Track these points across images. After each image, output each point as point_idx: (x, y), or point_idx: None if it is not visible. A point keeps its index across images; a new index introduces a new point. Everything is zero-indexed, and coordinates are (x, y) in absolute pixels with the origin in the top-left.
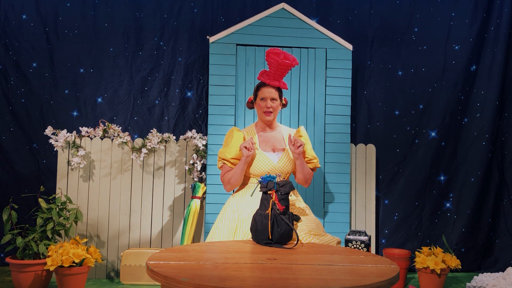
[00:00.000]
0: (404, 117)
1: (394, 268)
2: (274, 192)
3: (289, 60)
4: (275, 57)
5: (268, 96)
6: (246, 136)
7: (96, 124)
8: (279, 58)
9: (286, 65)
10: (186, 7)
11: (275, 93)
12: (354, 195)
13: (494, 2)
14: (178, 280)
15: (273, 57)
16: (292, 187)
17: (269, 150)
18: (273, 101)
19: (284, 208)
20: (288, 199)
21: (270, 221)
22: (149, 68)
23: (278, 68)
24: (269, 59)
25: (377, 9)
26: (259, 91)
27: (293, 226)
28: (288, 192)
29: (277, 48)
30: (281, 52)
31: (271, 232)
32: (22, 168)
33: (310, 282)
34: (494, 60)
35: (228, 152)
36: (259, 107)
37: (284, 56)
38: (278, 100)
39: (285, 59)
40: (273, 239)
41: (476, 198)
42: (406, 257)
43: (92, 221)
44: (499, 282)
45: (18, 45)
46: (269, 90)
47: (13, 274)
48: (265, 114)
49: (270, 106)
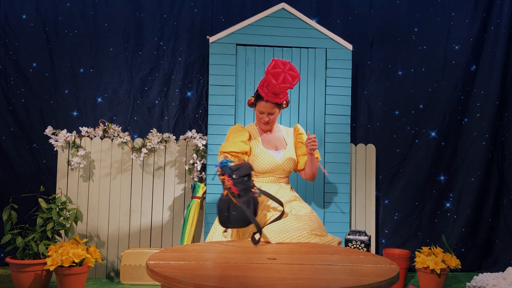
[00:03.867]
0: (404, 117)
1: (394, 268)
2: (227, 177)
3: (287, 83)
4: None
5: (265, 111)
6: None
7: (96, 124)
8: (276, 81)
9: (284, 89)
10: (186, 7)
11: (273, 107)
12: (354, 195)
13: (494, 2)
14: (178, 280)
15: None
16: (248, 169)
17: (272, 149)
18: (270, 115)
19: (240, 191)
20: (246, 182)
21: (226, 205)
22: (149, 68)
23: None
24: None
25: (377, 9)
26: (258, 103)
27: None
28: (243, 175)
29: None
30: (282, 71)
31: (228, 215)
32: (22, 168)
33: (310, 282)
34: (494, 60)
35: (228, 146)
36: (257, 117)
37: (283, 79)
38: (277, 112)
39: (283, 83)
40: (231, 223)
41: (476, 198)
42: (406, 257)
43: (92, 221)
44: (499, 282)
45: (18, 45)
46: (267, 105)
47: (13, 274)
48: (263, 124)
49: (268, 119)
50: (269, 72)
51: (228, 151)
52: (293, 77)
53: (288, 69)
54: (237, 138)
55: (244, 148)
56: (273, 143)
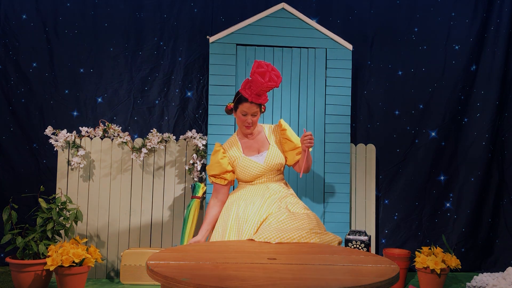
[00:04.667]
0: (404, 117)
1: (394, 268)
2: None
3: (273, 82)
4: (259, 78)
5: (249, 112)
6: (227, 148)
7: (96, 124)
8: (263, 80)
9: (270, 87)
10: (186, 7)
11: (256, 108)
12: (354, 195)
13: (494, 2)
14: (178, 280)
15: (257, 78)
16: None
17: (254, 154)
18: (253, 116)
19: None
20: None
21: None
22: (149, 68)
23: (261, 89)
24: (253, 77)
25: (377, 9)
26: (240, 105)
27: None
28: None
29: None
30: (266, 71)
31: None
32: (22, 168)
33: (310, 282)
34: (494, 60)
35: (210, 169)
36: (240, 120)
37: (269, 78)
38: (258, 113)
39: (269, 81)
40: None
41: (476, 198)
42: (406, 257)
43: (92, 221)
44: (499, 282)
45: (18, 45)
46: (251, 106)
47: (13, 274)
48: (245, 127)
49: (251, 121)
50: (255, 72)
51: (210, 174)
52: (277, 76)
53: (271, 69)
54: (214, 159)
55: (222, 168)
56: (255, 147)
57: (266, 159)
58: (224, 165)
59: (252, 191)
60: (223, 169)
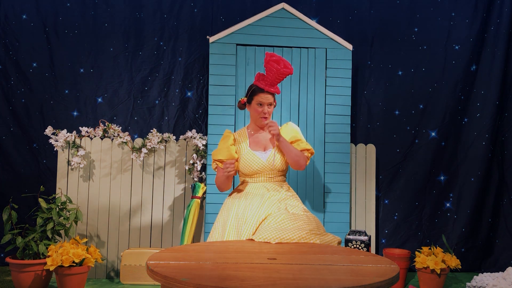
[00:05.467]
0: (404, 117)
1: (394, 268)
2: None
3: (288, 68)
4: (275, 65)
5: (265, 102)
6: (237, 138)
7: (96, 124)
8: (279, 66)
9: (286, 73)
10: (186, 7)
11: (271, 98)
12: (354, 195)
13: (494, 2)
14: (178, 280)
15: (273, 65)
16: None
17: (260, 150)
18: (269, 106)
19: None
20: None
21: None
22: (149, 68)
23: (277, 75)
24: (269, 66)
25: (377, 9)
26: (256, 96)
27: None
28: None
29: (275, 54)
30: (280, 59)
31: None
32: (22, 168)
33: (310, 282)
34: (494, 60)
35: (217, 154)
36: (256, 112)
37: (284, 65)
38: (273, 104)
39: (285, 68)
40: None
41: (476, 198)
42: (406, 257)
43: (92, 221)
44: (499, 282)
45: (18, 45)
46: (267, 96)
47: (13, 274)
48: (262, 119)
49: (267, 111)
50: (270, 60)
51: (216, 159)
52: (290, 64)
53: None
54: (223, 144)
55: (231, 154)
56: (262, 144)
57: (269, 157)
58: (232, 152)
59: (252, 191)
60: (231, 156)
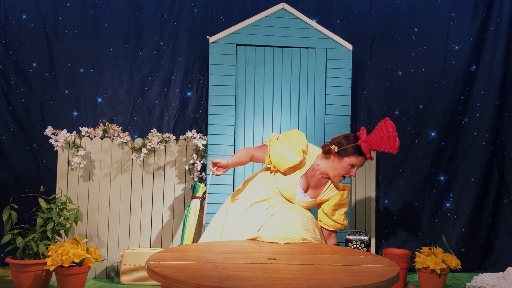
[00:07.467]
0: (404, 117)
1: (394, 268)
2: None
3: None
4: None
5: (359, 165)
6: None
7: (96, 124)
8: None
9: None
10: (186, 7)
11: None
12: (354, 195)
13: (494, 2)
14: (178, 280)
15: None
16: None
17: (304, 186)
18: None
19: None
20: None
21: None
22: (149, 68)
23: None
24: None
25: (377, 9)
26: (353, 156)
27: None
28: None
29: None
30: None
31: None
32: (22, 168)
33: (310, 282)
34: (494, 60)
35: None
36: (343, 169)
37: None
38: None
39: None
40: None
41: (476, 198)
42: (406, 257)
43: (92, 221)
44: (499, 282)
45: (18, 45)
46: (363, 161)
47: (13, 274)
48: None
49: (354, 175)
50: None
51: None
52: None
53: None
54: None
55: (280, 167)
56: (308, 183)
57: (301, 202)
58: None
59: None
60: (279, 167)
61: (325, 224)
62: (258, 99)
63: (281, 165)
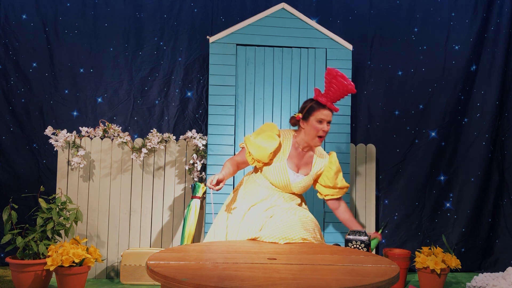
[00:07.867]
0: (404, 117)
1: (394, 268)
2: None
3: (352, 85)
4: (342, 81)
5: (326, 119)
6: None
7: (96, 124)
8: (346, 82)
9: (350, 91)
10: (186, 7)
11: (331, 116)
12: (354, 195)
13: (494, 2)
14: (178, 280)
15: (340, 81)
16: None
17: (294, 169)
18: (328, 125)
19: None
20: None
21: None
22: (149, 68)
23: (342, 92)
24: (334, 81)
25: (377, 9)
26: (316, 112)
27: None
28: None
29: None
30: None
31: None
32: (22, 168)
33: (310, 282)
34: (494, 60)
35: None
36: (314, 129)
37: (349, 81)
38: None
39: (350, 85)
40: None
41: (476, 198)
42: (406, 257)
43: (92, 221)
44: (499, 282)
45: (18, 45)
46: (328, 113)
47: (13, 274)
48: (318, 138)
49: (327, 129)
50: (337, 75)
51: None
52: None
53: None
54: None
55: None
56: (299, 164)
57: (297, 183)
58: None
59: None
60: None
61: (331, 195)
62: (258, 99)
63: (263, 155)
